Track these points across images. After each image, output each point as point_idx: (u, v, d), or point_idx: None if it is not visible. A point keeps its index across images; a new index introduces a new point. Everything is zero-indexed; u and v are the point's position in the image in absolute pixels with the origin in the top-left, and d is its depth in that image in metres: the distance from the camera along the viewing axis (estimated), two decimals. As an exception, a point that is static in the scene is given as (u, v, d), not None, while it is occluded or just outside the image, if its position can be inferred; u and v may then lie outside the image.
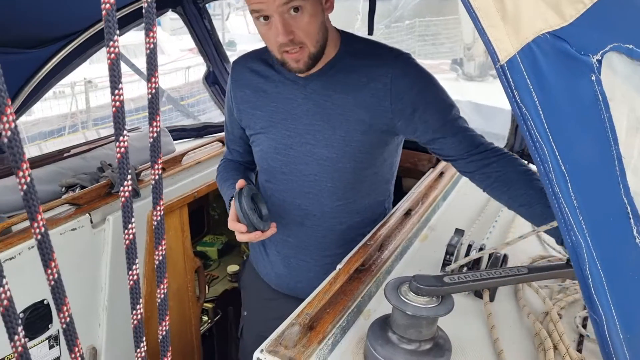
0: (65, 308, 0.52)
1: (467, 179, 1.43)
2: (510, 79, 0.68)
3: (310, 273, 1.57)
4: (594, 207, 0.70)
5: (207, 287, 2.84)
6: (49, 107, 9.31)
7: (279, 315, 1.16)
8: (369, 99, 1.37)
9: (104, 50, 0.51)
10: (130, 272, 0.59)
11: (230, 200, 1.43)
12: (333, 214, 1.52)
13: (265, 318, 1.18)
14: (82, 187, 1.92)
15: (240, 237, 1.36)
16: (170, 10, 2.49)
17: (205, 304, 2.66)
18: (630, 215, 0.73)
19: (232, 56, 2.30)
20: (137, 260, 0.60)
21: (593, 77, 0.74)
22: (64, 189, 1.94)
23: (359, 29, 2.18)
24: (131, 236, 0.57)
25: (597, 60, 0.75)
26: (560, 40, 0.72)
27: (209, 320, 2.70)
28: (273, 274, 1.66)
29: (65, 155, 2.18)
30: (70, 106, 9.39)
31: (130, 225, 0.55)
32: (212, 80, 2.78)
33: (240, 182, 1.36)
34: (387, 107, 1.37)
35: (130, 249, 0.58)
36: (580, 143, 0.73)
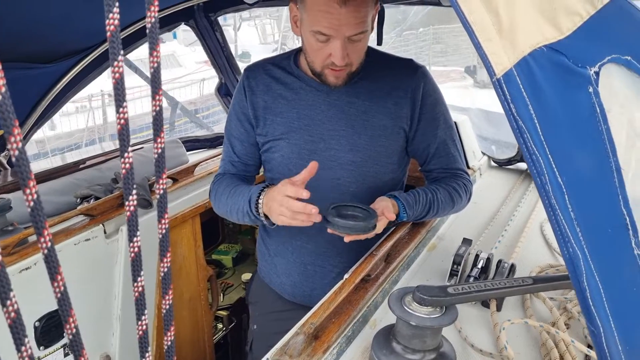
0: (71, 320, 0.54)
1: (477, 189, 1.46)
2: (507, 92, 0.69)
3: (326, 280, 1.58)
4: (591, 219, 0.71)
5: (222, 295, 2.87)
6: (74, 121, 9.50)
7: (292, 326, 1.17)
8: (391, 106, 1.47)
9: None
10: (135, 284, 0.61)
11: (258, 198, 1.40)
12: None
13: (277, 331, 1.19)
14: (97, 198, 1.95)
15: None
16: (182, 23, 2.53)
17: (219, 312, 2.69)
18: (629, 227, 0.74)
19: (246, 67, 2.34)
20: (142, 273, 0.62)
21: (591, 89, 0.75)
22: (78, 200, 1.97)
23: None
24: (136, 249, 0.59)
25: (594, 72, 0.76)
26: (557, 53, 0.73)
27: (224, 328, 2.73)
28: (288, 282, 1.67)
29: (80, 166, 2.22)
30: (87, 119, 9.53)
31: (135, 239, 0.57)
32: (224, 91, 2.81)
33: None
34: (406, 114, 1.48)
35: (135, 261, 0.60)
36: (578, 155, 0.74)
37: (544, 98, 0.70)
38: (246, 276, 2.92)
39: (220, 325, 2.73)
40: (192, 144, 2.88)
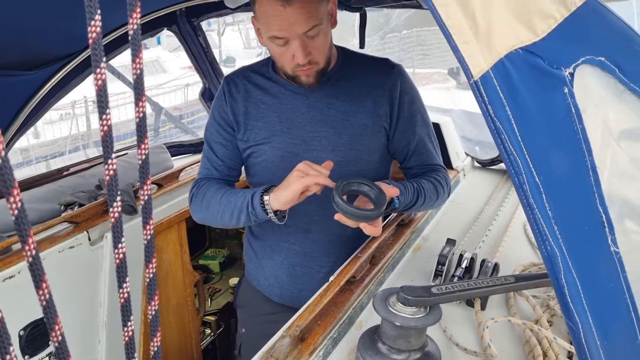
0: (57, 327, 0.54)
1: (460, 190, 1.47)
2: (484, 94, 0.70)
3: (314, 280, 1.58)
4: (568, 217, 0.72)
5: (209, 300, 2.87)
6: (59, 129, 9.41)
7: (280, 329, 1.18)
8: (370, 105, 1.49)
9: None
10: (120, 291, 0.61)
11: (251, 200, 1.38)
12: None
13: (266, 333, 1.19)
14: (81, 205, 1.94)
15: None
16: (165, 29, 2.52)
17: (207, 317, 2.69)
18: (605, 224, 0.75)
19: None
20: (127, 279, 0.62)
21: (566, 90, 0.76)
22: (62, 207, 1.96)
23: (355, 45, 2.22)
24: (121, 255, 0.59)
25: (569, 73, 0.77)
26: (532, 55, 0.75)
27: (212, 333, 2.72)
28: (277, 285, 1.67)
29: (64, 173, 2.21)
30: (71, 126, 9.45)
31: (120, 245, 0.57)
32: (208, 96, 2.81)
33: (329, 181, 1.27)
34: (385, 112, 1.50)
35: (120, 268, 0.60)
36: (554, 155, 0.75)
37: (520, 99, 0.72)
38: (234, 281, 2.91)
39: (208, 331, 2.72)
40: (177, 149, 2.88)
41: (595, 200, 0.76)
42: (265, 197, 1.35)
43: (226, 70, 2.77)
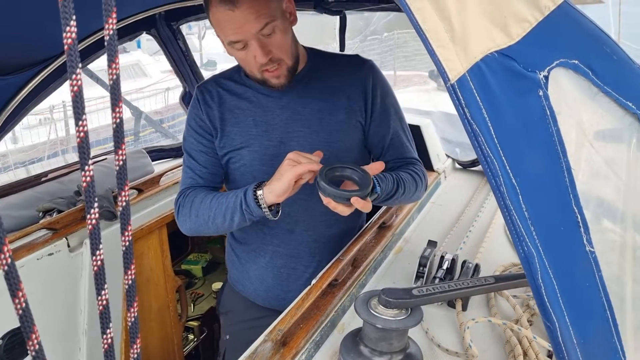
0: (34, 336, 0.54)
1: (441, 191, 1.48)
2: (461, 97, 0.71)
3: (300, 281, 1.58)
4: (545, 218, 0.73)
5: (192, 305, 2.85)
6: (38, 134, 9.28)
7: None
8: (345, 101, 1.50)
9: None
10: (99, 298, 0.61)
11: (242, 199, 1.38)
12: (322, 217, 1.56)
13: (252, 339, 1.18)
14: (59, 212, 1.92)
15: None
16: (144, 32, 2.51)
17: (190, 323, 2.67)
18: (581, 225, 0.77)
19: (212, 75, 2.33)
20: (106, 286, 0.62)
21: (541, 93, 0.78)
22: (41, 213, 1.94)
23: (336, 48, 2.23)
24: (99, 262, 0.58)
25: (544, 76, 0.79)
26: (507, 59, 0.76)
27: (195, 339, 2.70)
28: (262, 288, 1.66)
29: (42, 179, 2.18)
30: (49, 131, 9.32)
31: (98, 252, 0.57)
32: (188, 100, 2.78)
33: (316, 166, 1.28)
34: (360, 107, 1.52)
35: (98, 275, 0.60)
36: (530, 156, 0.76)
37: (496, 102, 0.73)
38: (217, 285, 2.90)
39: (191, 336, 2.70)
40: (158, 153, 2.86)
41: (571, 200, 0.77)
42: (259, 192, 1.34)
43: (207, 74, 2.77)
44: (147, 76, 13.03)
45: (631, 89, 0.93)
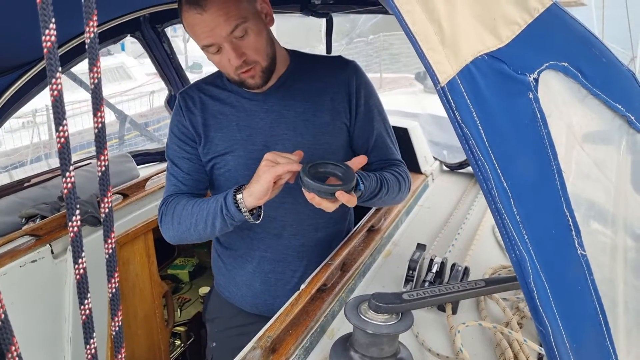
0: (13, 348, 0.52)
1: (429, 194, 1.47)
2: (451, 100, 0.70)
3: (288, 286, 1.57)
4: (536, 221, 0.73)
5: (179, 310, 2.82)
6: (21, 138, 9.16)
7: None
8: (329, 103, 1.49)
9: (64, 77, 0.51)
10: (82, 307, 0.59)
11: (223, 204, 1.36)
12: (309, 221, 1.55)
13: (239, 346, 1.16)
14: (43, 217, 1.88)
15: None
16: (129, 35, 2.48)
17: (177, 328, 2.64)
18: (572, 228, 0.76)
19: (198, 78, 2.30)
20: (89, 295, 0.60)
21: (531, 95, 0.77)
22: (23, 219, 1.90)
23: (322, 50, 2.23)
24: (82, 271, 0.57)
25: (534, 78, 0.78)
26: (497, 61, 0.75)
27: (182, 345, 2.67)
28: (250, 294, 1.64)
29: (25, 185, 2.14)
30: (32, 135, 9.21)
31: (80, 260, 0.55)
32: (173, 103, 2.77)
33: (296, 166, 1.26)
34: (344, 108, 1.51)
35: (81, 283, 0.58)
36: (521, 159, 0.76)
37: (487, 105, 0.72)
38: (204, 290, 2.87)
39: (178, 342, 2.67)
40: (143, 157, 2.82)
41: (562, 204, 0.76)
42: (239, 196, 1.32)
43: (192, 77, 2.74)
44: (131, 79, 12.92)
45: (620, 91, 0.93)
